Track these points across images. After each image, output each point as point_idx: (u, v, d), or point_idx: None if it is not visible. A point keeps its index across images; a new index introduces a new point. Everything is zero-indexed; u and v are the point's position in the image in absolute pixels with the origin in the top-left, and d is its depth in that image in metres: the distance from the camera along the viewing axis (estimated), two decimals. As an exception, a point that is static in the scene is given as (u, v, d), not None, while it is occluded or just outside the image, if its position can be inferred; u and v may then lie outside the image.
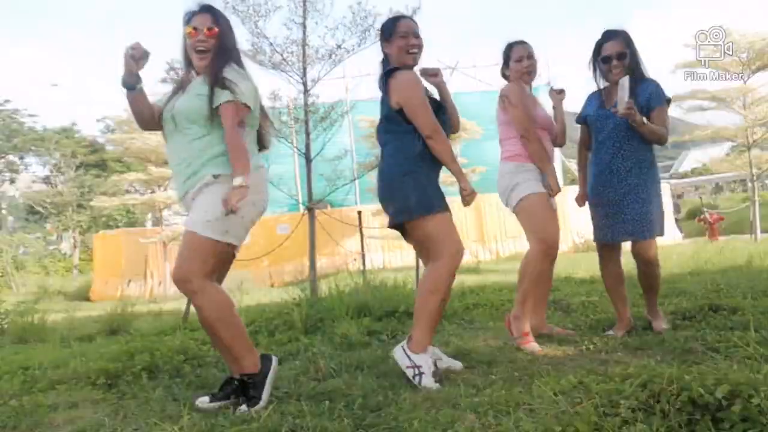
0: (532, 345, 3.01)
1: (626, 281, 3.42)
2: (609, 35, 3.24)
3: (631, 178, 3.18)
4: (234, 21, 2.60)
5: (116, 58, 2.56)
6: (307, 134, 5.63)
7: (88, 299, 12.88)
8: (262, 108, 2.59)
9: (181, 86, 2.52)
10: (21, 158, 28.27)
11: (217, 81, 2.36)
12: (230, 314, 2.39)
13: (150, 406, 2.47)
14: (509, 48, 3.40)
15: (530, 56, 3.36)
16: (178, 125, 2.41)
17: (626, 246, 3.33)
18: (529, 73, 3.35)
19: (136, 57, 2.38)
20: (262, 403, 2.29)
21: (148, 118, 2.53)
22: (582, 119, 3.43)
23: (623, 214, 3.18)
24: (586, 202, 3.43)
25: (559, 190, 3.19)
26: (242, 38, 5.46)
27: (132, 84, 2.42)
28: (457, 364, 2.73)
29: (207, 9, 2.48)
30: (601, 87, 3.36)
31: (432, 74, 2.98)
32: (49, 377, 3.06)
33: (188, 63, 2.53)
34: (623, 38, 3.20)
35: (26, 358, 3.57)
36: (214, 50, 2.44)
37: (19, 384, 3.00)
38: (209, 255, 2.31)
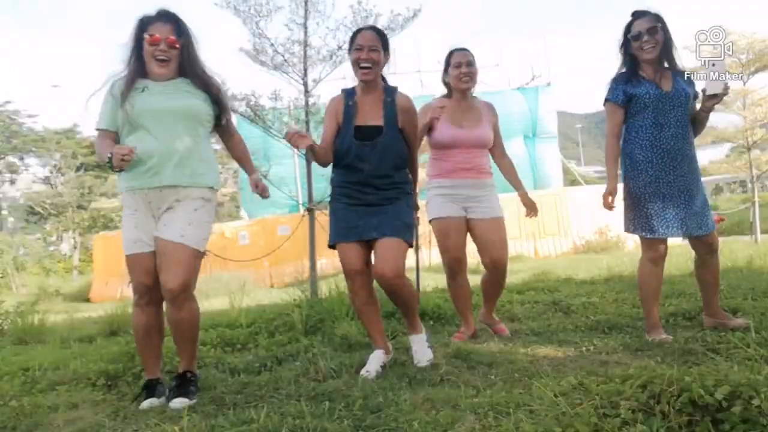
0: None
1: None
2: (638, 14, 3.08)
3: (694, 165, 3.07)
4: (235, 21, 2.65)
5: (115, 58, 2.60)
6: (307, 135, 5.62)
7: (88, 300, 12.86)
8: None
9: (130, 85, 2.51)
10: (21, 159, 28.29)
11: (214, 89, 2.62)
12: (198, 323, 2.71)
13: (150, 407, 2.47)
14: (450, 54, 3.45)
15: (469, 64, 3.40)
16: (174, 120, 2.51)
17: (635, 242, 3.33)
18: (464, 80, 3.40)
19: (123, 163, 2.44)
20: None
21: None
22: (624, 99, 3.06)
23: (694, 204, 3.01)
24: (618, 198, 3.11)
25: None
26: (244, 39, 5.46)
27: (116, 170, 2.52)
28: (428, 356, 2.89)
29: (169, 18, 2.49)
30: (625, 69, 3.13)
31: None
32: (49, 378, 3.06)
33: (136, 65, 2.53)
34: (653, 16, 3.04)
35: (26, 359, 3.57)
36: (179, 60, 2.52)
37: (19, 385, 3.00)
38: (197, 266, 2.58)
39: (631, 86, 3.05)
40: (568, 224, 13.54)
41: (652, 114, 3.03)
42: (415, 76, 17.80)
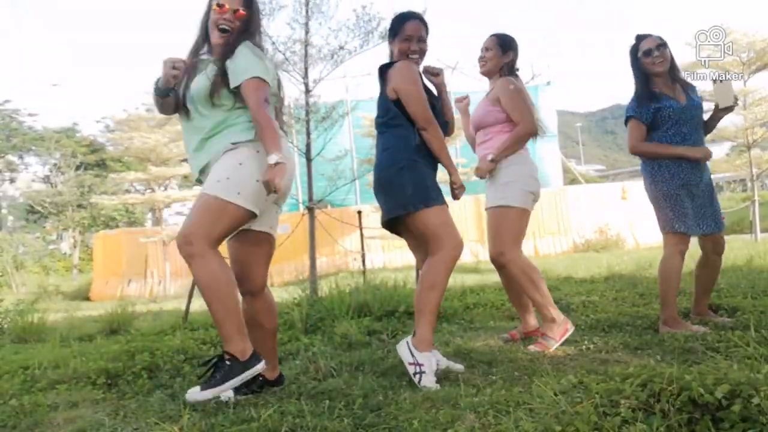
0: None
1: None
2: (642, 36, 3.36)
3: (708, 168, 3.34)
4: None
5: (116, 58, 2.57)
6: (308, 134, 5.63)
7: (88, 299, 12.87)
8: (278, 90, 2.54)
9: (190, 69, 2.43)
10: (20, 158, 28.28)
11: (226, 59, 2.31)
12: (224, 290, 2.21)
13: (150, 406, 2.47)
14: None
15: (485, 49, 3.37)
16: (197, 107, 2.36)
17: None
18: (480, 64, 3.38)
19: (176, 72, 2.36)
20: (211, 394, 2.23)
21: (171, 109, 2.51)
22: (650, 117, 3.25)
23: (713, 204, 3.31)
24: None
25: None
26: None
27: (166, 93, 2.42)
28: (458, 367, 2.70)
29: None
30: (642, 86, 3.31)
31: (434, 74, 2.96)
32: (49, 377, 3.06)
33: (204, 38, 2.45)
34: (657, 36, 3.32)
35: (26, 358, 3.57)
36: (236, 32, 2.37)
37: (19, 384, 3.00)
38: (218, 217, 2.18)
39: (656, 102, 3.27)
40: (567, 223, 13.56)
41: (675, 125, 3.26)
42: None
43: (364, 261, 7.21)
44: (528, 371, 2.53)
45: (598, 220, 13.16)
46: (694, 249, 3.37)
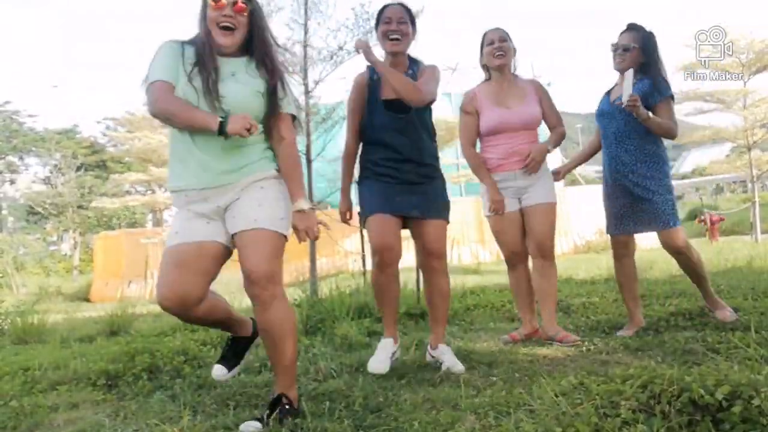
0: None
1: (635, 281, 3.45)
2: (627, 28, 3.28)
3: (644, 171, 3.21)
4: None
5: (116, 58, 2.48)
6: (308, 135, 5.63)
7: (88, 300, 12.87)
8: None
9: (208, 65, 2.12)
10: (21, 159, 28.30)
11: (275, 78, 2.17)
12: (295, 332, 2.22)
13: (150, 407, 2.47)
14: (483, 35, 3.34)
15: (501, 39, 3.25)
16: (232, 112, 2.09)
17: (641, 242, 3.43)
18: (497, 55, 3.23)
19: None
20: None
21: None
22: (596, 118, 3.48)
23: (641, 205, 3.23)
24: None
25: (494, 203, 3.23)
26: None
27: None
28: (459, 368, 2.70)
29: None
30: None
31: (362, 48, 2.77)
32: (49, 378, 3.06)
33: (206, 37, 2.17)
34: (637, 33, 3.21)
35: (26, 359, 3.57)
36: (245, 30, 2.16)
37: (20, 385, 3.00)
38: (281, 254, 2.21)
39: (598, 106, 3.44)
40: (568, 224, 13.54)
41: (600, 128, 3.41)
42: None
43: (364, 262, 7.20)
44: (528, 372, 2.53)
45: (598, 222, 13.07)
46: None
